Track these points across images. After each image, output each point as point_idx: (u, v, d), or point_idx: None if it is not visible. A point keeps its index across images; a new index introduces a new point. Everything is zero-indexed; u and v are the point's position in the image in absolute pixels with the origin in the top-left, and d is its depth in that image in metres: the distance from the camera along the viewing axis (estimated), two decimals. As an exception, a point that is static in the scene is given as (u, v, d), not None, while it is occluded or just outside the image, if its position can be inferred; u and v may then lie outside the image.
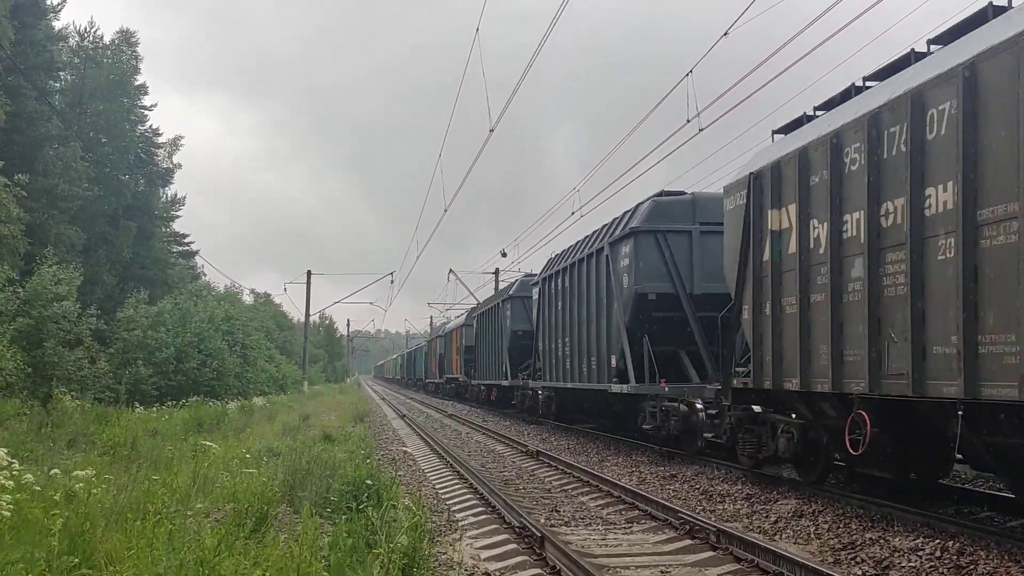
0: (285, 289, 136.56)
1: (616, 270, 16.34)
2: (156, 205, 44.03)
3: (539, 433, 21.77)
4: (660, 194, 16.29)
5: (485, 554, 7.79)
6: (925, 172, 7.87)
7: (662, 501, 9.85)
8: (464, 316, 43.16)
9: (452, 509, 10.34)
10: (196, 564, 4.78)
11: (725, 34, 13.83)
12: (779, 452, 10.75)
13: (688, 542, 8.14)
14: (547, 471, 13.91)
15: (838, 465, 10.85)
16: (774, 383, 10.30)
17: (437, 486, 12.48)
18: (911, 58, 8.91)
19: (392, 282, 55.34)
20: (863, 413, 8.69)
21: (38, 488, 6.75)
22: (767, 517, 9.32)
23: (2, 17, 27.37)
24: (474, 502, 10.72)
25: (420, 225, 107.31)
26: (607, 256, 16.81)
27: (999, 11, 7.79)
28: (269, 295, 74.32)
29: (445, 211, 30.14)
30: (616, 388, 16.10)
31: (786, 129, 11.09)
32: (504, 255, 43.91)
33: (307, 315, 53.64)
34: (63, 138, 32.64)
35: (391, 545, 5.83)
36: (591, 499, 11.01)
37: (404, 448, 17.99)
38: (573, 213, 25.22)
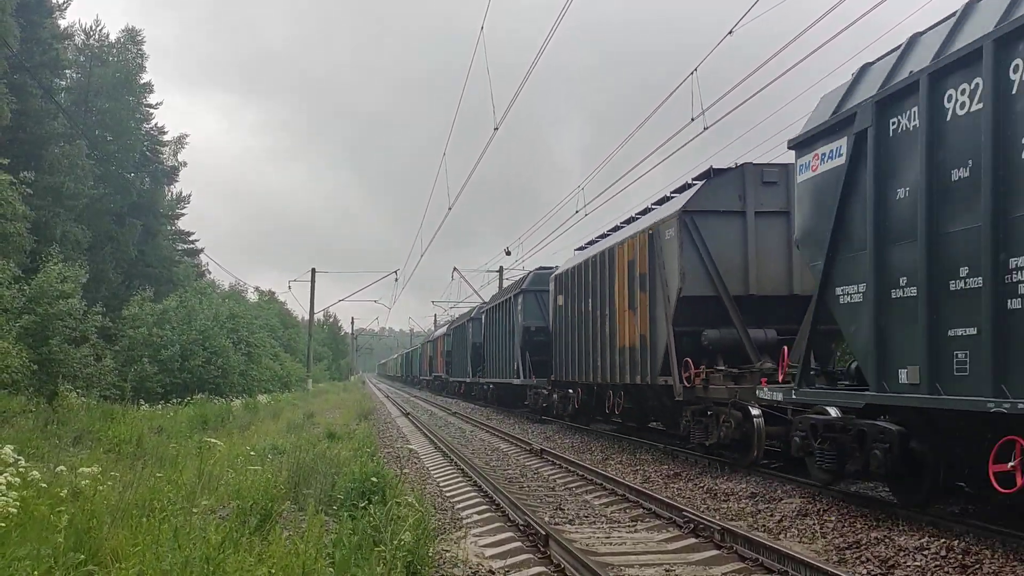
0: (289, 287, 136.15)
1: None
2: (161, 203, 44.11)
3: (543, 431, 21.77)
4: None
5: (489, 552, 7.80)
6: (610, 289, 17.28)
7: (666, 500, 9.85)
8: (445, 327, 50.55)
9: (456, 507, 10.35)
10: (201, 561, 4.78)
11: (730, 32, 13.82)
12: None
13: (692, 540, 8.14)
14: (551, 469, 13.92)
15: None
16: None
17: (441, 484, 12.49)
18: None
19: (396, 280, 55.57)
20: None
21: (44, 485, 6.76)
22: (772, 516, 9.31)
23: (8, 15, 27.42)
24: (478, 500, 10.72)
25: (425, 223, 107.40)
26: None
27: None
28: (273, 293, 74.42)
29: (449, 209, 30.14)
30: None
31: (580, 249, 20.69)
32: (508, 253, 43.88)
33: (311, 313, 53.71)
34: (69, 136, 32.72)
35: (395, 542, 5.83)
36: (595, 497, 11.01)
37: (408, 446, 18.01)
38: (577, 211, 25.22)
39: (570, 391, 21.24)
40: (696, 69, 15.20)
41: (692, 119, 15.46)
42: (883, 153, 8.45)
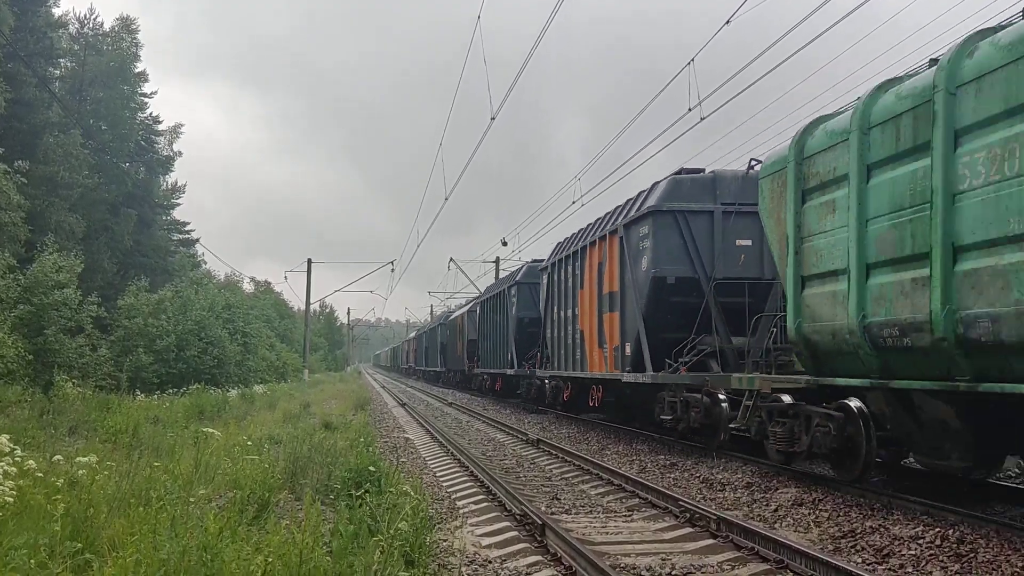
0: (286, 277, 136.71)
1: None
2: (156, 193, 44.05)
3: (539, 422, 21.81)
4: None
5: (486, 541, 7.82)
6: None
7: (663, 489, 9.88)
8: (415, 332, 76.87)
9: (453, 497, 10.37)
10: (199, 550, 4.79)
11: (727, 22, 13.78)
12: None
13: (689, 530, 8.17)
14: (548, 459, 13.95)
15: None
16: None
17: (438, 474, 12.51)
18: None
19: (393, 270, 55.48)
20: None
21: (41, 474, 6.76)
22: (767, 505, 9.34)
23: (2, 3, 27.26)
24: (475, 490, 10.75)
25: (421, 213, 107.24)
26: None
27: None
28: (269, 283, 74.42)
29: (446, 199, 30.11)
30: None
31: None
32: (505, 244, 44.05)
33: (307, 303, 53.69)
34: (63, 125, 32.61)
35: (392, 531, 5.84)
36: (592, 487, 11.04)
37: (405, 435, 18.03)
38: (574, 202, 25.20)
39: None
40: (693, 59, 15.18)
41: (689, 109, 15.44)
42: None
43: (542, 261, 24.47)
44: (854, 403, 9.43)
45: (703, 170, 15.17)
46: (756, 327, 12.37)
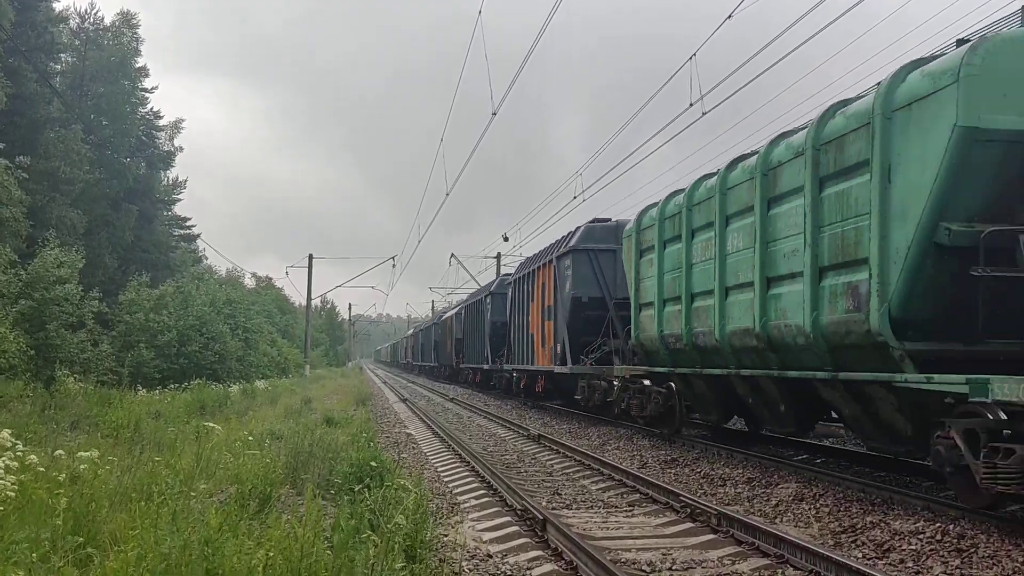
0: (287, 273, 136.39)
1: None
2: (157, 188, 44.02)
3: (540, 417, 21.83)
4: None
5: (487, 536, 7.83)
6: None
7: (663, 485, 9.89)
8: (412, 330, 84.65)
9: (454, 492, 10.38)
10: (200, 544, 4.79)
11: (729, 16, 13.76)
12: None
13: (689, 525, 8.17)
14: (549, 455, 13.96)
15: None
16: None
17: (439, 469, 12.52)
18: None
19: (394, 266, 55.56)
20: None
21: (42, 469, 6.78)
22: (768, 501, 9.35)
23: (2, -2, 27.24)
24: (476, 485, 10.76)
25: (422, 209, 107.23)
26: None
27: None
28: (271, 279, 74.42)
29: (447, 195, 30.17)
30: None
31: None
32: (506, 239, 43.90)
33: (308, 299, 53.67)
34: (64, 120, 32.58)
35: (392, 526, 5.85)
36: (592, 482, 11.05)
37: (406, 430, 18.05)
38: (576, 197, 25.24)
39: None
40: (695, 54, 15.16)
41: (691, 104, 15.43)
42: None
43: (510, 275, 29.23)
44: (673, 384, 14.35)
45: (610, 219, 20.49)
46: (627, 333, 16.50)
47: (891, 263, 8.24)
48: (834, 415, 11.77)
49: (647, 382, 15.24)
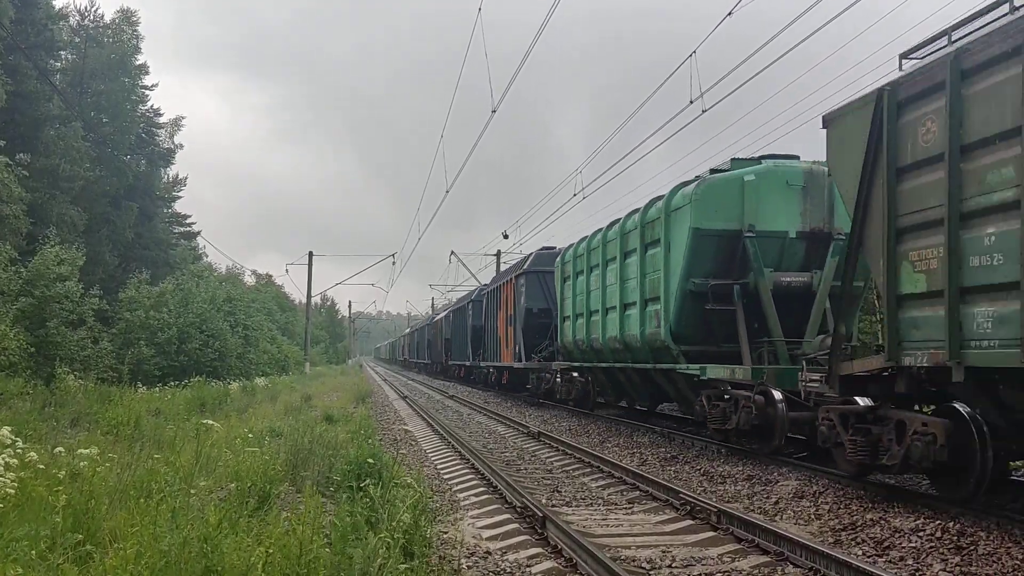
0: (287, 270, 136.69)
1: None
2: (157, 185, 44.01)
3: (540, 414, 21.83)
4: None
5: (487, 533, 7.83)
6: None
7: (663, 482, 9.89)
8: (408, 329, 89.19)
9: (454, 489, 10.38)
10: (199, 541, 4.79)
11: (729, 14, 13.74)
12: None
13: (689, 522, 8.17)
14: (549, 452, 13.96)
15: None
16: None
17: (439, 466, 12.53)
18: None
19: (394, 263, 55.63)
20: None
21: (42, 466, 6.78)
22: (768, 498, 9.35)
23: (2, -5, 27.21)
24: (475, 482, 10.76)
25: (422, 206, 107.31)
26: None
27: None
28: (271, 276, 74.43)
29: (447, 192, 30.18)
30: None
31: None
32: (506, 237, 43.86)
33: (309, 296, 53.67)
34: (64, 118, 32.55)
35: (392, 523, 5.85)
36: (592, 480, 11.05)
37: (406, 428, 18.06)
38: (575, 194, 25.26)
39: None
40: (695, 52, 15.15)
41: (691, 102, 15.41)
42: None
43: (486, 287, 34.18)
44: (586, 375, 20.08)
45: (555, 247, 24.72)
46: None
47: (671, 300, 13.92)
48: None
49: (575, 374, 20.62)
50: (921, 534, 7.26)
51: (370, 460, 8.42)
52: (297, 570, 4.73)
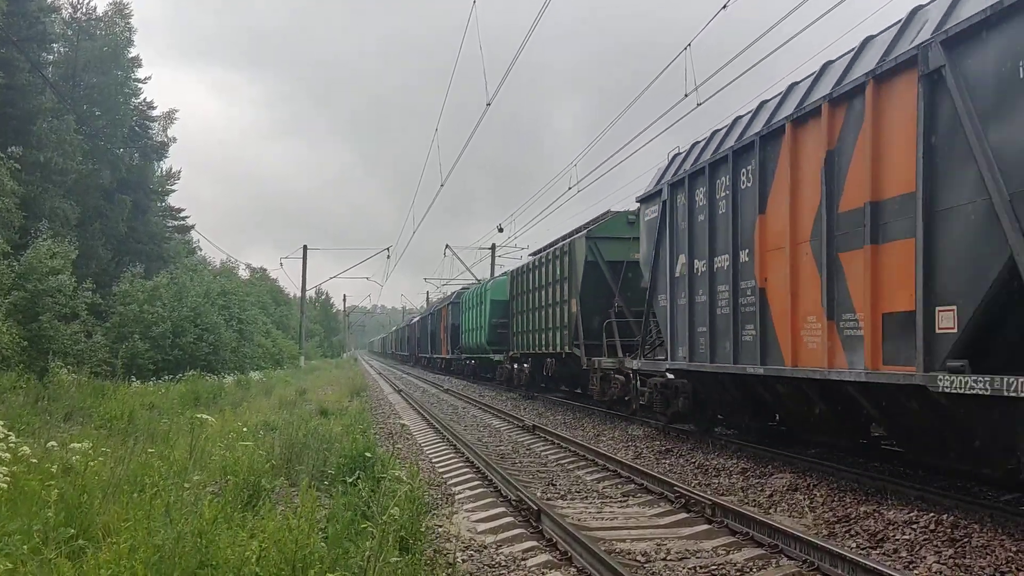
0: (281, 264, 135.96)
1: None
2: (151, 179, 43.80)
3: (535, 408, 21.84)
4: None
5: (482, 527, 7.83)
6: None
7: (658, 475, 9.89)
8: (395, 328, 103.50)
9: (449, 483, 10.38)
10: (193, 535, 4.77)
11: (724, 6, 13.70)
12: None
13: (684, 515, 8.18)
14: (543, 445, 13.96)
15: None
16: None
17: (434, 460, 12.52)
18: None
19: (388, 257, 55.57)
20: None
21: (35, 460, 6.74)
22: (762, 491, 9.37)
23: (-7, -12, 27.02)
24: (470, 476, 10.76)
25: (417, 200, 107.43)
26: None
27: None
28: (265, 270, 74.20)
29: (442, 186, 30.21)
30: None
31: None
32: (501, 230, 43.90)
33: (303, 290, 53.59)
34: (57, 111, 32.36)
35: (386, 517, 5.83)
36: (587, 473, 11.06)
37: (401, 421, 18.04)
38: (570, 188, 25.33)
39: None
40: (690, 44, 15.11)
41: (685, 95, 15.38)
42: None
43: (435, 306, 45.26)
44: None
45: (471, 283, 37.65)
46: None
47: (484, 327, 30.05)
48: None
49: (467, 359, 35.58)
50: (915, 526, 7.28)
51: (366, 454, 8.41)
52: (292, 565, 4.71)
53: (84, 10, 38.80)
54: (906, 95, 7.82)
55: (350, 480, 7.51)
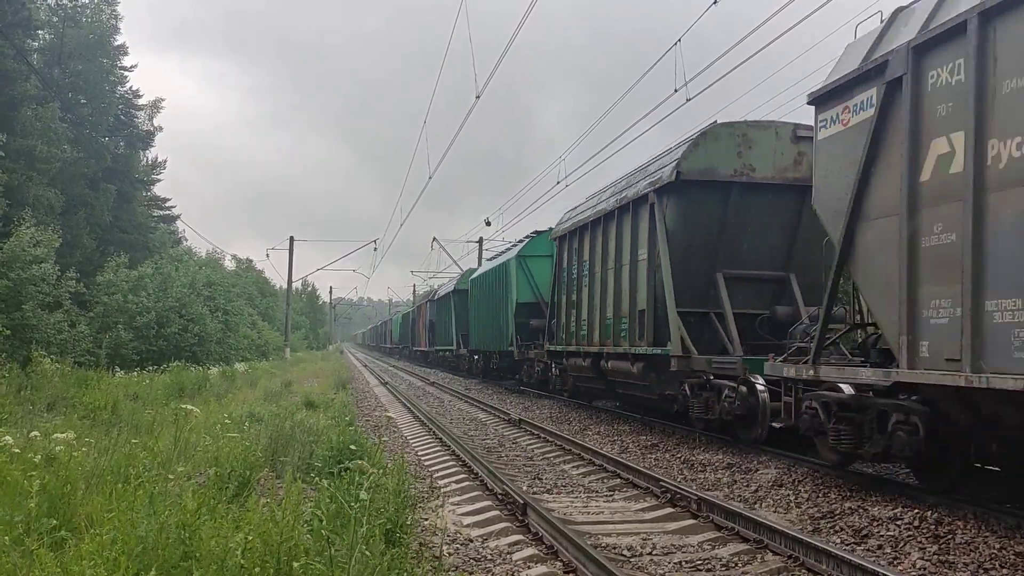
0: (268, 255, 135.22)
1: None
2: (136, 168, 43.42)
3: (521, 401, 21.85)
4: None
5: (468, 520, 7.81)
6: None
7: (644, 470, 9.91)
8: (379, 321, 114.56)
9: (435, 476, 10.35)
10: (177, 527, 4.73)
11: (715, 2, 13.70)
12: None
13: (669, 510, 8.20)
14: (529, 439, 13.96)
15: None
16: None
17: (420, 453, 12.49)
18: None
19: (375, 249, 55.44)
20: None
21: (17, 450, 6.67)
22: (748, 486, 9.40)
23: (-23, -28, 26.69)
24: (456, 469, 10.74)
25: (404, 192, 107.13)
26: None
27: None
28: (251, 261, 73.77)
29: (430, 178, 30.11)
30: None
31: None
32: (488, 224, 43.75)
33: (289, 281, 53.34)
34: (41, 98, 32.01)
35: (372, 510, 5.80)
36: (573, 467, 11.06)
37: (387, 414, 18.00)
38: (559, 182, 25.31)
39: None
40: (680, 40, 15.10)
41: (675, 90, 15.38)
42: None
43: (437, 291, 44.60)
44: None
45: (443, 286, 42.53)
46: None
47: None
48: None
49: (446, 352, 40.09)
50: (899, 523, 7.31)
51: (351, 446, 8.38)
52: (277, 557, 4.68)
53: (70, -4, 38.38)
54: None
55: (335, 473, 7.48)
